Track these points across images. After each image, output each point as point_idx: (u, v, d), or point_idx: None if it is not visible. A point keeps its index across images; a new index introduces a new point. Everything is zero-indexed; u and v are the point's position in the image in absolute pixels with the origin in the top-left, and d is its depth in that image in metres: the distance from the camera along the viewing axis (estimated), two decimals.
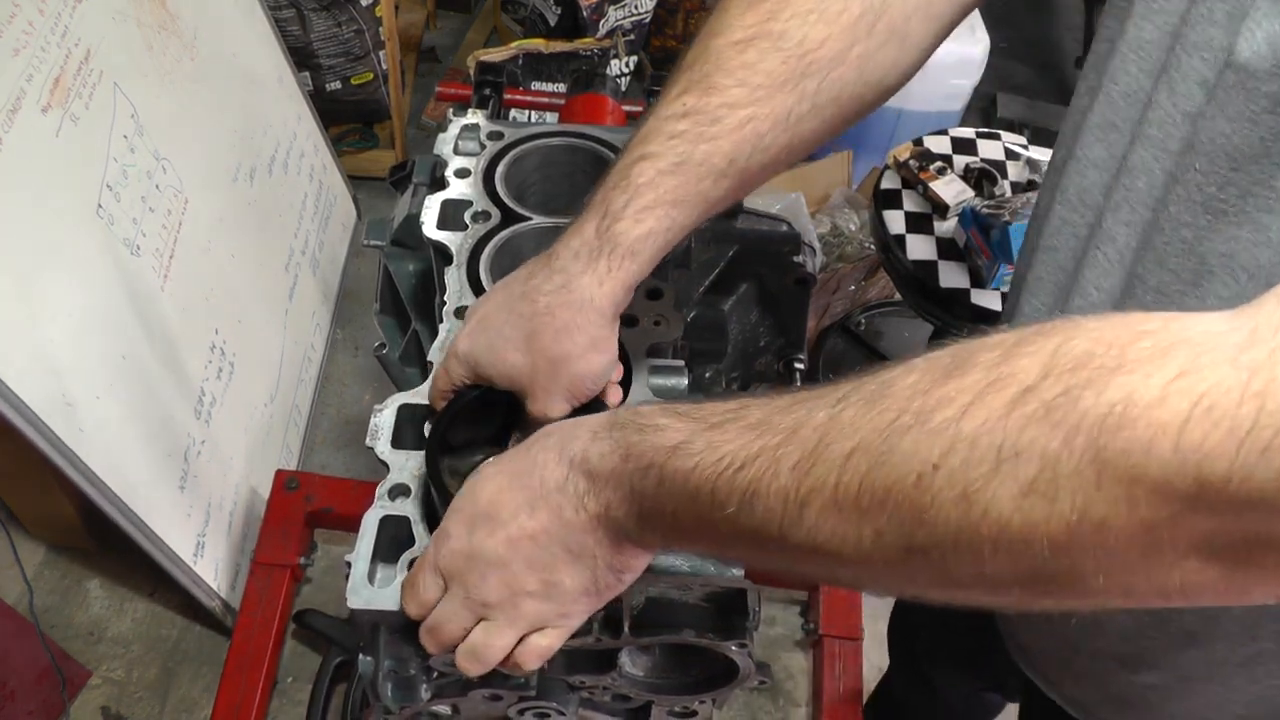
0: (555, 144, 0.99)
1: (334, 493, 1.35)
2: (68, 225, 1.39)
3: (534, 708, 0.81)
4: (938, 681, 1.37)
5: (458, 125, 0.98)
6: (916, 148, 2.12)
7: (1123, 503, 0.36)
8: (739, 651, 0.72)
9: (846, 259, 2.45)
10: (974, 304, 1.91)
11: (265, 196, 2.09)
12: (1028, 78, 3.60)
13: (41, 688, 1.75)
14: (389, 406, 0.76)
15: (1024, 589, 0.41)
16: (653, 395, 0.78)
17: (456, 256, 0.86)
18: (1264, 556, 0.36)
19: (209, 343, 1.80)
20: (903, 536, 0.41)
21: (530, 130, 1.00)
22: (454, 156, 0.95)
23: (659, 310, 0.84)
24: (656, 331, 0.82)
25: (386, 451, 0.74)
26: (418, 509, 0.70)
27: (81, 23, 1.44)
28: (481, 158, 0.95)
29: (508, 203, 0.91)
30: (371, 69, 2.58)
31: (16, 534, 1.92)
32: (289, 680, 1.92)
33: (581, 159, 0.99)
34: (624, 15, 2.90)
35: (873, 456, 0.42)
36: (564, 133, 0.99)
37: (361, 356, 2.48)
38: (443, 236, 0.88)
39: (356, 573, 0.67)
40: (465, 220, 0.89)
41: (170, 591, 1.96)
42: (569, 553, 0.58)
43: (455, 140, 0.97)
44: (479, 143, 0.97)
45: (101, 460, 1.41)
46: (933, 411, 0.40)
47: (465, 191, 0.92)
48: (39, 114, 1.33)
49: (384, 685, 0.72)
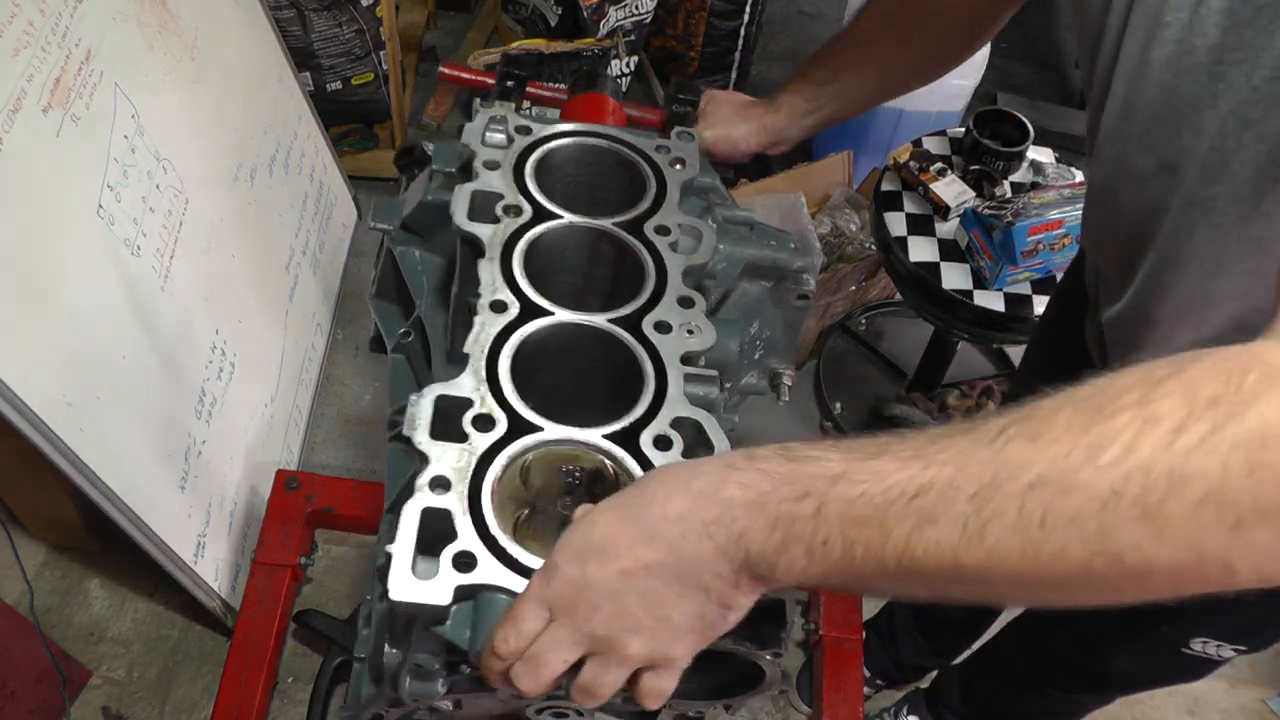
0: (586, 144, 0.98)
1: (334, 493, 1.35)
2: (68, 225, 1.39)
3: (552, 707, 0.81)
4: None
5: (485, 116, 0.96)
6: (916, 149, 2.12)
7: (1272, 502, 0.46)
8: (772, 661, 0.72)
9: (847, 259, 2.45)
10: (977, 305, 1.91)
11: (266, 197, 2.09)
12: (1028, 78, 3.60)
13: (42, 688, 1.75)
14: (427, 396, 0.74)
15: (1178, 584, 0.50)
16: (689, 404, 0.78)
17: (489, 250, 0.85)
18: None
19: (209, 343, 1.80)
20: (1086, 552, 0.49)
21: (560, 128, 0.99)
22: (482, 147, 0.94)
23: (691, 319, 0.84)
24: (690, 340, 0.82)
25: (425, 441, 0.71)
26: (460, 503, 0.69)
27: (82, 23, 1.44)
28: (511, 151, 0.94)
29: (539, 199, 0.90)
30: (372, 69, 2.58)
31: (17, 534, 1.92)
32: (289, 680, 1.92)
33: (609, 160, 0.99)
34: (624, 15, 2.90)
35: (1054, 487, 0.49)
36: (594, 133, 0.99)
37: (362, 356, 2.48)
38: (474, 228, 0.86)
39: (399, 565, 0.64)
40: (497, 213, 0.88)
41: (170, 591, 1.96)
42: (682, 585, 0.58)
43: (483, 131, 0.95)
44: (507, 135, 0.95)
45: (102, 460, 1.41)
46: (1100, 447, 0.49)
47: (494, 184, 0.90)
48: (39, 114, 1.33)
49: (404, 679, 0.71)
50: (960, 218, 1.99)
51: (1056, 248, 1.88)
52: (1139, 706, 2.13)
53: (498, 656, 0.62)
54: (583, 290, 0.96)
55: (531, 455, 0.73)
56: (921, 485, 0.52)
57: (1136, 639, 1.27)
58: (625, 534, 0.59)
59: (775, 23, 3.59)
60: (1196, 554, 0.48)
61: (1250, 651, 1.19)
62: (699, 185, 0.98)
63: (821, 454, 0.56)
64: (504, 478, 0.71)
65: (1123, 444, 0.48)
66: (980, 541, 0.51)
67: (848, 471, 0.54)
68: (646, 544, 0.58)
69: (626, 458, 0.74)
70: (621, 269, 0.91)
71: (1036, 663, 1.50)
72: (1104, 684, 1.43)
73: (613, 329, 0.82)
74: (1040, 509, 0.49)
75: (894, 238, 2.01)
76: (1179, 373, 0.50)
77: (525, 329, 0.80)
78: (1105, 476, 0.48)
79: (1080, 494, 0.49)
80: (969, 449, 0.52)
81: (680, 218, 0.92)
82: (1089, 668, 1.38)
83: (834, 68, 1.19)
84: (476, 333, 0.79)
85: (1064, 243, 1.87)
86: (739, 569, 0.57)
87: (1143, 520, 0.48)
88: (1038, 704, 1.57)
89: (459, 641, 0.66)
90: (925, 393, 2.48)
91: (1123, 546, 0.49)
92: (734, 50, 3.17)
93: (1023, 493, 0.50)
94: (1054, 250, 1.88)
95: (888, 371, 2.63)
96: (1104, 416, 0.50)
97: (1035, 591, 0.53)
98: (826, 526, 0.54)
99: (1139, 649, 1.29)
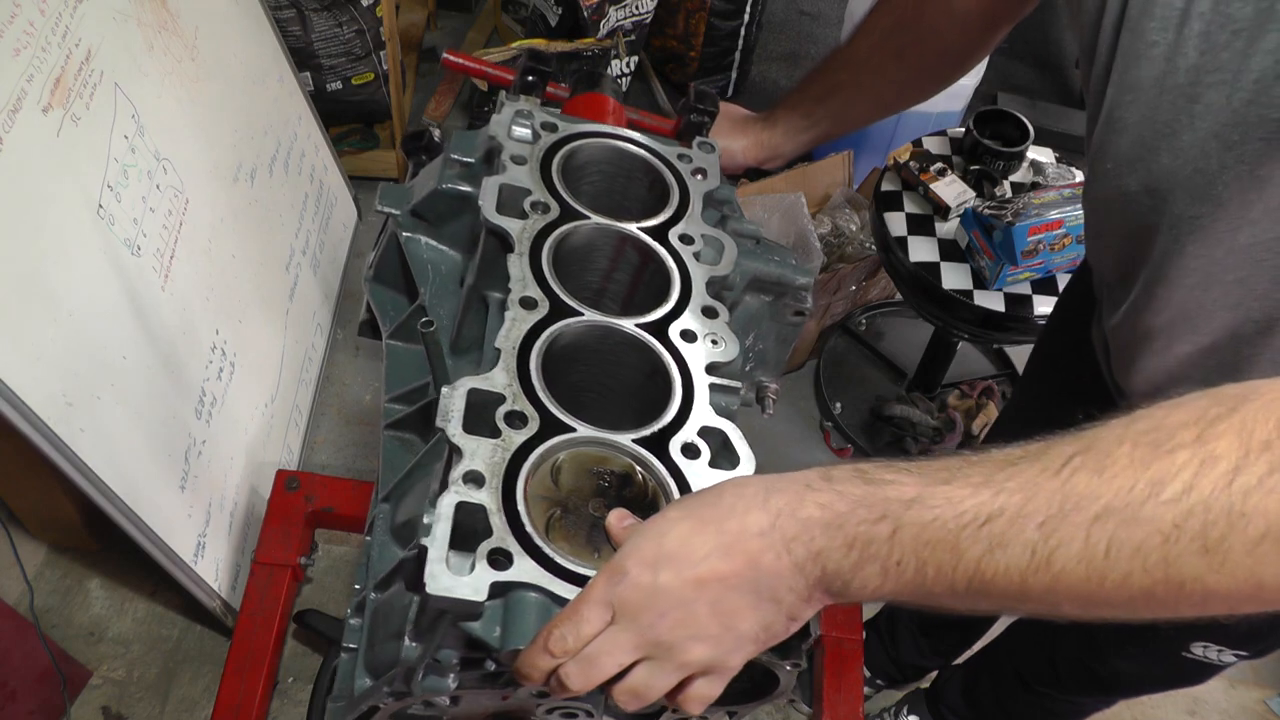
0: (612, 146, 0.98)
1: (335, 493, 1.35)
2: (68, 225, 1.39)
3: (563, 708, 0.81)
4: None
5: (512, 109, 0.96)
6: (916, 149, 2.12)
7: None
8: (791, 671, 0.71)
9: (847, 259, 2.45)
10: (977, 305, 1.91)
11: (266, 196, 2.09)
12: (1028, 78, 3.60)
13: (42, 688, 1.75)
14: (460, 389, 0.73)
15: (1235, 608, 0.54)
16: (715, 414, 0.78)
17: (518, 245, 0.85)
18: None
19: (210, 343, 1.80)
20: (1148, 581, 0.53)
21: (587, 128, 0.99)
22: (509, 141, 0.93)
23: (715, 330, 0.84)
24: (714, 350, 0.82)
25: (459, 435, 0.70)
26: (494, 499, 0.68)
27: (82, 23, 1.44)
28: (538, 147, 0.94)
29: (566, 197, 0.90)
30: (372, 69, 2.58)
31: (17, 534, 1.92)
32: (289, 680, 1.92)
33: (633, 165, 0.99)
34: (624, 15, 2.90)
35: (1118, 520, 0.53)
36: (619, 136, 0.99)
37: (362, 356, 2.48)
38: (503, 222, 0.86)
39: (435, 559, 0.64)
40: (525, 208, 0.88)
41: (171, 591, 1.96)
42: (757, 597, 0.61)
43: (509, 125, 0.95)
44: (533, 130, 0.95)
45: (102, 460, 1.41)
46: (1162, 483, 0.52)
47: (522, 179, 0.90)
48: (40, 114, 1.33)
49: (418, 674, 0.71)
50: (960, 218, 1.98)
51: (1056, 248, 1.88)
52: (1139, 706, 2.13)
53: (549, 654, 0.62)
54: (599, 291, 0.96)
55: (563, 455, 0.73)
56: (992, 512, 0.55)
57: (1138, 643, 1.27)
58: (701, 544, 0.60)
59: (775, 23, 3.59)
60: (1255, 584, 0.52)
61: (1251, 657, 1.19)
62: (718, 197, 0.99)
63: (896, 477, 0.59)
64: (536, 476, 0.71)
65: (1183, 481, 0.52)
66: (1047, 567, 0.54)
67: (922, 496, 0.57)
68: (723, 555, 0.60)
69: (657, 463, 0.74)
70: (643, 274, 0.91)
71: (1039, 664, 1.50)
72: (1105, 686, 1.43)
73: (641, 334, 0.82)
74: (1105, 539, 0.53)
75: (894, 238, 2.01)
76: (1232, 412, 0.53)
77: (556, 327, 0.80)
78: (1168, 512, 0.52)
79: (1144, 527, 0.52)
80: (1036, 478, 0.55)
81: (703, 228, 0.93)
82: (1091, 670, 1.38)
83: (829, 86, 1.23)
84: (507, 328, 0.78)
85: (1064, 243, 1.87)
86: (813, 584, 0.60)
87: (1204, 554, 0.52)
88: (1038, 705, 1.57)
89: (488, 639, 0.66)
90: (925, 393, 2.48)
91: (1184, 577, 0.52)
92: (734, 50, 3.17)
93: (1089, 523, 0.53)
94: (1054, 250, 1.88)
95: (888, 371, 2.63)
96: (1163, 453, 0.53)
97: (1097, 611, 0.57)
98: (901, 548, 0.57)
99: (1141, 653, 1.30)
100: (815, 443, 2.53)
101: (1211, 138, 0.75)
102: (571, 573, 0.67)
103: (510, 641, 0.65)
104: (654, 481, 0.74)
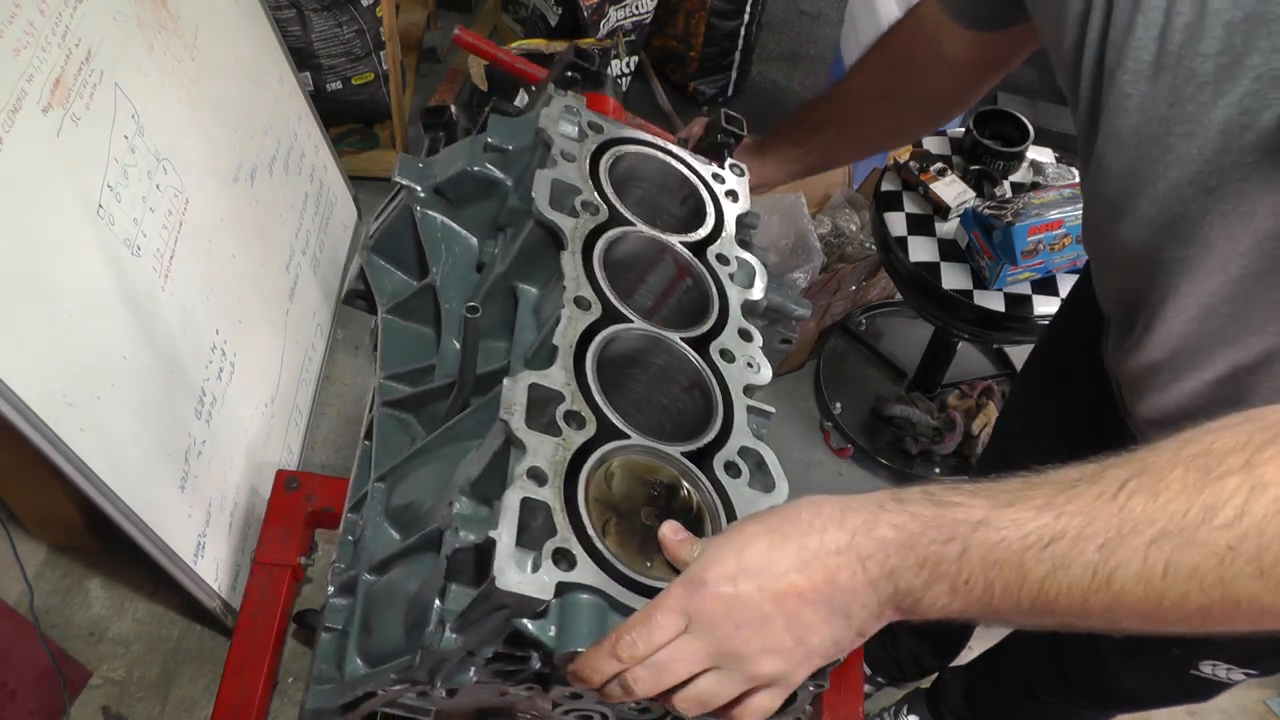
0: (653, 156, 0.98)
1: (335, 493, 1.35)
2: (68, 225, 1.39)
3: (579, 710, 0.81)
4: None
5: (560, 104, 0.96)
6: (916, 149, 2.12)
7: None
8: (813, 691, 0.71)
9: (847, 259, 2.45)
10: (977, 305, 1.91)
11: (266, 196, 2.09)
12: (1028, 78, 3.59)
13: (42, 688, 1.75)
14: (521, 381, 0.72)
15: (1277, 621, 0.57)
16: (752, 436, 0.79)
17: (570, 244, 0.84)
18: None
19: (209, 343, 1.80)
20: (1205, 600, 0.56)
21: (632, 134, 0.99)
22: (558, 136, 0.93)
23: (751, 353, 0.85)
24: (750, 373, 0.84)
25: (522, 429, 0.69)
26: (557, 498, 0.67)
27: (82, 23, 1.44)
28: (585, 146, 0.93)
29: (613, 201, 0.90)
30: (372, 69, 2.58)
31: (17, 534, 1.92)
32: (289, 680, 1.92)
33: (670, 178, 0.99)
34: (624, 15, 2.90)
35: (1175, 542, 0.56)
36: (661, 148, 0.99)
37: (362, 356, 2.48)
38: (555, 218, 0.85)
39: (504, 554, 0.62)
40: (575, 207, 0.87)
41: (171, 591, 1.96)
42: (831, 613, 0.63)
43: (559, 119, 0.94)
44: (580, 129, 0.95)
45: (101, 460, 1.41)
46: (1215, 509, 0.55)
47: (571, 176, 0.89)
48: (40, 114, 1.33)
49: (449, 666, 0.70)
50: (960, 218, 1.98)
51: (1056, 248, 1.88)
52: None
53: (617, 659, 0.63)
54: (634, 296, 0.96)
55: (617, 461, 0.73)
56: (1055, 534, 0.58)
57: (1147, 658, 1.28)
58: (781, 559, 0.62)
59: (775, 23, 3.59)
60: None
61: (1260, 675, 1.19)
62: (745, 222, 1.00)
63: (963, 500, 0.61)
64: (593, 479, 0.71)
65: (1235, 506, 0.55)
66: (1108, 587, 0.57)
67: (988, 518, 0.60)
68: (802, 570, 0.62)
69: (704, 479, 0.75)
70: (678, 287, 0.92)
71: (1045, 673, 1.50)
72: (1110, 699, 1.43)
73: (686, 349, 0.83)
74: (1162, 561, 0.56)
75: (894, 238, 2.01)
76: (1277, 439, 0.56)
77: (609, 331, 0.80)
78: (1222, 536, 0.55)
79: (1200, 550, 0.55)
80: (1094, 502, 0.58)
81: (737, 250, 0.94)
82: (1098, 683, 1.38)
83: (822, 119, 1.26)
84: (564, 326, 0.78)
85: (1064, 243, 1.87)
86: (885, 601, 0.63)
87: (1259, 576, 0.54)
88: (1040, 713, 1.57)
89: (543, 638, 0.65)
90: (925, 393, 2.48)
91: (1239, 597, 0.55)
92: (734, 50, 3.17)
93: (1146, 546, 0.56)
94: (1054, 250, 1.88)
95: (888, 371, 2.63)
96: (1213, 479, 0.56)
97: (1154, 626, 0.59)
98: (970, 568, 0.60)
99: (1149, 668, 1.30)
100: (815, 443, 2.52)
101: (1186, 184, 0.78)
102: (630, 579, 0.66)
103: (567, 643, 0.64)
104: (698, 496, 0.74)
